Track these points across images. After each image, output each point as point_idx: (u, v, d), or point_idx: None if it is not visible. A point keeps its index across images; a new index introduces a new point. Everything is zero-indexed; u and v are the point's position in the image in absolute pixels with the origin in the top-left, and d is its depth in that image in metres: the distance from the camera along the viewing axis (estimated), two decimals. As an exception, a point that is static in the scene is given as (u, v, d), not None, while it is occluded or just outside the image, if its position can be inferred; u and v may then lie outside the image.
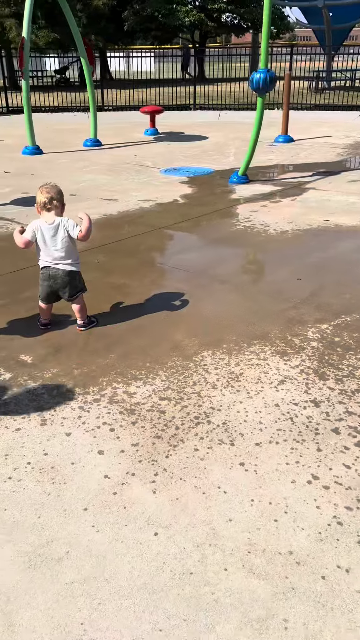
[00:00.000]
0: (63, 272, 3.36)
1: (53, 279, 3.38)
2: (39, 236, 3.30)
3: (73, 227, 3.28)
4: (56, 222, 3.28)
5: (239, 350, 3.29)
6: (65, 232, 3.28)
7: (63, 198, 3.37)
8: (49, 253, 3.34)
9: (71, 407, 2.75)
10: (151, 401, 2.80)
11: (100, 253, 4.99)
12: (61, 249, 3.32)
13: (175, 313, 3.78)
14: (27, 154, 9.98)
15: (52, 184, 3.33)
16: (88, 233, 3.31)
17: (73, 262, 3.38)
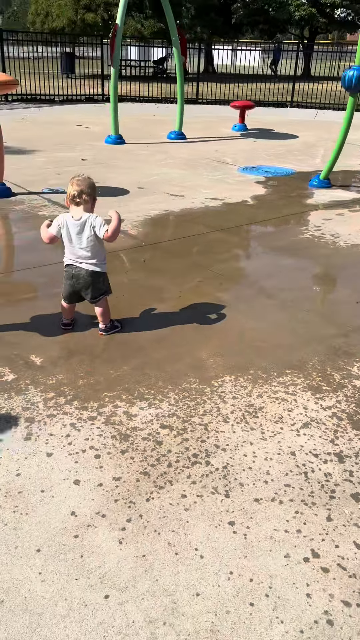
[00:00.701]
0: (86, 272, 3.11)
1: (76, 279, 3.15)
2: (64, 232, 3.07)
3: (100, 225, 3.02)
4: (83, 219, 3.03)
5: (267, 379, 2.90)
6: (92, 230, 3.03)
7: (95, 192, 3.12)
8: (73, 251, 3.11)
9: (62, 423, 2.50)
10: (150, 427, 2.49)
11: (149, 251, 4.72)
12: (86, 248, 3.07)
13: (208, 327, 3.43)
14: (109, 142, 9.91)
15: (84, 176, 3.08)
16: (115, 234, 3.04)
17: (98, 262, 3.13)
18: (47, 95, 15.78)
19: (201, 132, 11.53)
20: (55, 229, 3.08)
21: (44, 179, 6.96)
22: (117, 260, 4.46)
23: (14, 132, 10.48)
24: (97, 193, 3.15)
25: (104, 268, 3.18)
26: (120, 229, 3.06)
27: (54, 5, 23.28)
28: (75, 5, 22.87)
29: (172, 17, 9.84)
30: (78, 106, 15.48)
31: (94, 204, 3.13)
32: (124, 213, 5.71)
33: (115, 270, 4.21)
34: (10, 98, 15.23)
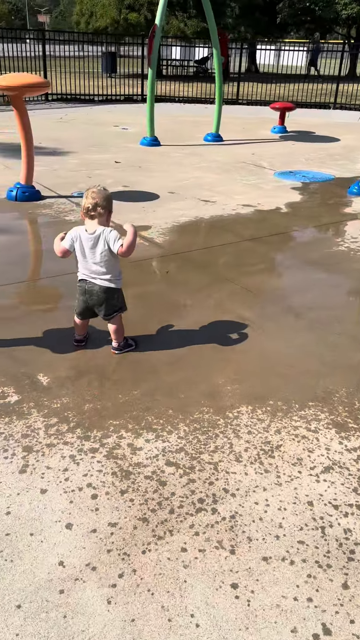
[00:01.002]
0: (100, 288, 2.94)
1: (89, 294, 2.98)
2: (77, 246, 2.90)
3: (115, 240, 2.84)
4: (97, 233, 2.85)
5: (287, 411, 2.66)
6: (106, 244, 2.85)
7: (111, 205, 2.93)
8: (86, 266, 2.94)
9: (61, 455, 2.33)
10: (155, 464, 2.30)
11: (173, 261, 4.53)
12: (100, 263, 2.89)
13: (228, 348, 3.21)
14: (144, 144, 9.77)
15: (100, 187, 2.90)
16: (130, 249, 2.85)
17: (112, 278, 2.95)
18: (87, 95, 15.78)
19: (239, 134, 11.27)
20: (68, 242, 2.91)
21: (75, 182, 6.85)
22: (138, 271, 4.28)
23: (49, 133, 10.46)
24: (112, 206, 2.97)
25: (119, 284, 3.00)
26: (135, 244, 2.87)
27: (98, 5, 23.34)
28: (119, 5, 22.87)
29: (212, 16, 9.61)
30: (117, 106, 15.42)
31: (110, 217, 2.95)
32: (151, 219, 5.55)
33: (135, 282, 4.04)
34: (50, 98, 15.29)
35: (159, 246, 4.83)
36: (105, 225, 2.90)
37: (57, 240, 2.97)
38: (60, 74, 15.89)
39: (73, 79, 15.97)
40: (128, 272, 4.21)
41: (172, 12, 23.56)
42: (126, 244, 2.82)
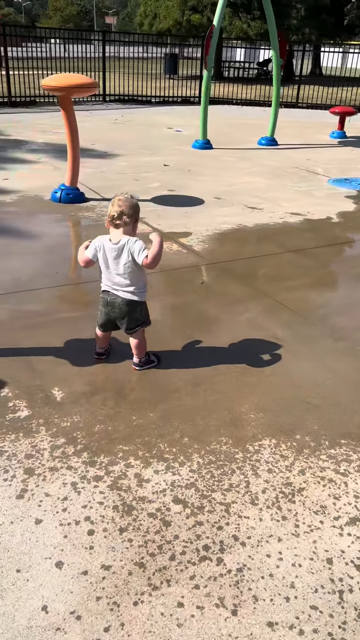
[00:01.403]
0: (122, 300, 2.78)
1: (111, 307, 2.82)
2: (101, 256, 2.74)
3: (139, 251, 2.66)
4: (121, 243, 2.69)
5: (315, 449, 2.41)
6: (130, 255, 2.68)
7: (137, 213, 2.75)
8: (109, 277, 2.78)
9: (63, 481, 2.17)
10: (162, 500, 2.11)
11: (210, 271, 4.33)
12: (123, 274, 2.73)
13: (257, 371, 2.98)
14: (195, 147, 9.60)
15: (127, 195, 2.73)
16: (155, 261, 2.66)
17: (136, 291, 2.78)
18: (144, 97, 15.77)
19: (295, 138, 10.93)
20: (91, 252, 2.76)
21: (120, 185, 6.75)
22: (171, 280, 4.11)
23: (103, 134, 10.47)
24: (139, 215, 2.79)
25: (143, 297, 2.83)
26: (161, 255, 2.69)
27: (162, 7, 23.38)
28: (183, 7, 22.81)
29: (273, 18, 9.32)
30: (174, 108, 15.33)
31: (136, 226, 2.78)
32: (192, 226, 5.36)
33: (166, 292, 3.87)
34: (108, 99, 15.37)
35: (197, 254, 4.64)
36: (131, 235, 2.74)
37: (81, 248, 2.83)
38: (120, 75, 15.97)
39: (133, 80, 16.00)
40: (160, 281, 4.05)
41: (236, 13, 23.29)
42: (151, 255, 2.64)
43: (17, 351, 3.07)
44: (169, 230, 5.22)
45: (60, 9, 70.79)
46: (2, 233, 4.93)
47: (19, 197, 6.06)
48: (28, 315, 3.48)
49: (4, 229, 5.03)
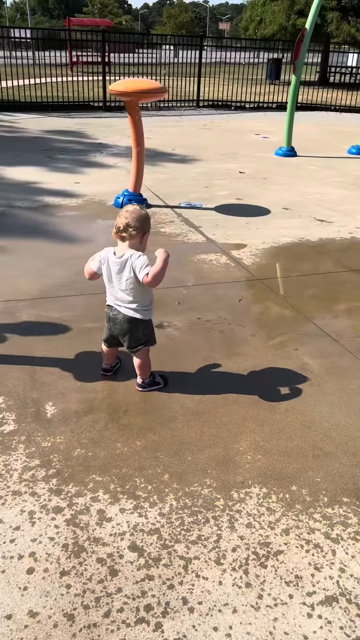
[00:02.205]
0: (124, 317, 2.61)
1: (112, 322, 2.67)
2: (104, 269, 2.59)
3: (141, 267, 2.48)
4: (125, 257, 2.52)
5: (309, 505, 2.10)
6: (132, 271, 2.50)
7: (145, 226, 2.56)
8: (112, 291, 2.63)
9: (22, 508, 2.04)
10: (117, 545, 1.91)
11: (254, 287, 4.04)
12: (125, 290, 2.56)
13: (269, 405, 2.69)
14: (278, 155, 9.25)
15: (134, 207, 2.56)
16: (156, 279, 2.46)
17: (139, 308, 2.60)
18: (238, 102, 15.55)
19: (390, 147, 10.19)
20: (96, 264, 2.62)
21: (187, 192, 6.61)
22: (208, 294, 3.88)
23: (187, 139, 10.40)
24: (149, 227, 2.61)
25: (147, 315, 2.64)
26: (164, 274, 2.48)
27: (268, 12, 23.02)
28: (289, 11, 22.31)
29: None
30: (267, 114, 14.98)
31: (144, 240, 2.60)
32: (249, 237, 5.09)
33: (196, 306, 3.65)
34: (201, 104, 15.33)
35: (245, 268, 4.37)
36: (138, 249, 2.56)
37: (90, 260, 2.70)
38: (218, 80, 15.88)
39: (231, 85, 15.84)
40: (193, 295, 3.84)
41: (344, 16, 22.37)
42: (152, 273, 2.45)
43: (27, 359, 3.01)
44: (223, 241, 4.99)
45: (174, 16, 72.27)
46: (55, 237, 4.96)
47: (84, 202, 6.10)
48: (51, 322, 3.42)
49: (57, 233, 5.06)
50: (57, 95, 14.03)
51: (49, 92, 13.98)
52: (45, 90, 14.33)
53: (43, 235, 4.99)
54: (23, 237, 4.91)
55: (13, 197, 6.12)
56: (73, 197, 6.24)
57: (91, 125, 11.77)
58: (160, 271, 2.45)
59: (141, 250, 2.57)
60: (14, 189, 6.50)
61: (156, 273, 2.45)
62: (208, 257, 4.59)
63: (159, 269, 2.45)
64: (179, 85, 14.95)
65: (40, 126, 11.31)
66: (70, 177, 7.12)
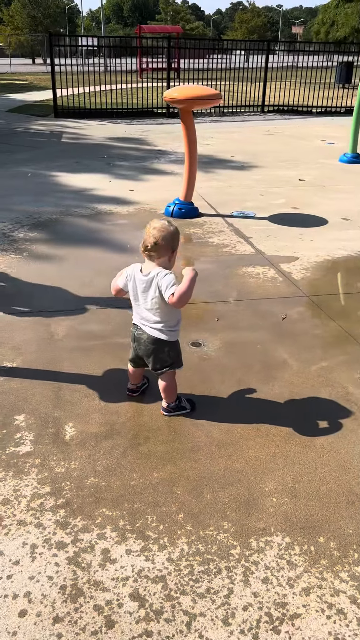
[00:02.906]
0: (148, 337, 2.47)
1: (137, 342, 2.53)
2: (131, 286, 2.45)
3: (167, 287, 2.32)
4: (151, 275, 2.37)
5: (337, 561, 1.86)
6: (157, 290, 2.36)
7: (175, 243, 2.40)
8: (137, 310, 2.49)
9: (24, 540, 1.93)
10: (118, 591, 1.75)
11: (300, 305, 3.79)
12: (151, 309, 2.41)
13: (304, 439, 2.46)
14: (342, 161, 8.86)
15: (162, 223, 2.40)
16: (182, 300, 2.30)
17: (165, 328, 2.44)
18: (305, 107, 15.13)
19: None
20: (122, 281, 2.49)
21: (242, 200, 6.41)
22: (247, 312, 3.67)
23: (247, 146, 10.18)
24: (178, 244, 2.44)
25: (173, 336, 2.48)
26: (191, 294, 2.32)
27: (341, 14, 22.36)
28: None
29: None
30: (334, 119, 14.48)
31: (173, 257, 2.44)
32: (302, 250, 4.84)
33: (234, 324, 3.45)
34: (266, 109, 15.03)
35: (293, 284, 4.13)
36: (166, 267, 2.40)
37: (117, 275, 2.57)
38: (285, 84, 15.54)
39: (298, 89, 15.45)
40: (232, 312, 3.64)
41: None
42: (177, 293, 2.29)
43: (55, 375, 2.92)
44: (273, 253, 4.76)
45: (247, 21, 71.94)
46: (103, 245, 4.90)
47: (135, 210, 6.03)
48: (84, 336, 3.33)
49: (106, 242, 5.01)
50: (123, 102, 14.18)
51: (116, 98, 14.15)
52: (112, 97, 14.51)
53: (91, 244, 4.94)
54: (71, 245, 4.89)
55: (69, 205, 6.14)
56: (125, 205, 6.19)
57: (153, 131, 11.77)
58: (186, 291, 2.29)
59: (169, 267, 2.42)
60: (72, 196, 6.53)
61: (182, 293, 2.29)
62: (255, 270, 4.38)
63: (185, 289, 2.29)
64: (245, 90, 14.74)
65: (104, 133, 11.43)
66: (126, 184, 7.09)
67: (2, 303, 3.72)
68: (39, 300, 3.78)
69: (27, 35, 43.60)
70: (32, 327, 3.41)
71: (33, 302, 3.75)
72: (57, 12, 47.24)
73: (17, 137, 10.60)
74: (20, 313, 3.59)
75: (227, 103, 14.81)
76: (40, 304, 3.72)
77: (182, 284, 2.31)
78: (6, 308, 3.65)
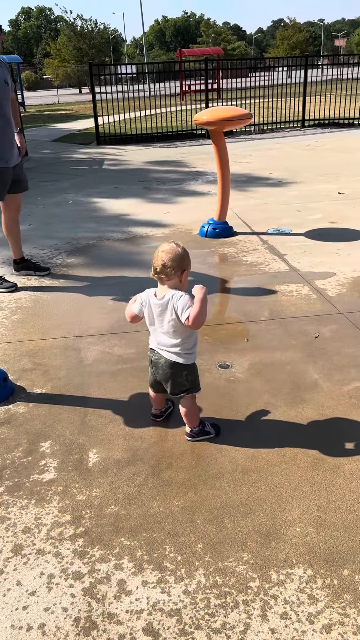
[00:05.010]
0: (166, 362, 2.45)
1: (155, 367, 2.52)
2: (146, 312, 2.45)
3: (183, 309, 2.30)
4: (166, 298, 2.36)
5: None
6: (174, 313, 2.35)
7: (183, 263, 2.36)
8: (154, 334, 2.49)
9: (42, 570, 1.93)
10: (132, 625, 1.72)
11: (335, 323, 3.69)
12: (167, 333, 2.40)
13: (333, 465, 2.36)
14: (385, 172, 8.65)
15: (170, 245, 2.39)
16: (196, 322, 2.27)
17: (182, 352, 2.42)
18: (346, 119, 14.90)
19: None
20: (137, 307, 2.49)
21: (278, 217, 6.35)
22: (278, 330, 3.59)
23: (286, 162, 10.11)
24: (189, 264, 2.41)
25: (190, 359, 2.45)
26: (204, 314, 2.29)
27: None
28: None
29: None
30: (378, 129, 14.20)
31: (184, 278, 2.38)
32: (338, 265, 4.73)
33: (264, 344, 3.39)
34: (307, 124, 14.91)
35: (328, 300, 4.03)
36: (179, 288, 2.39)
37: (131, 301, 2.58)
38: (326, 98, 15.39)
39: (340, 102, 15.26)
40: (262, 331, 3.56)
41: None
42: (191, 318, 2.26)
43: (82, 400, 2.95)
44: (308, 269, 4.67)
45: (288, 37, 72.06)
46: (136, 268, 4.95)
47: (170, 231, 6.08)
48: (113, 360, 3.35)
49: (139, 264, 5.05)
50: (164, 126, 14.41)
51: (157, 122, 14.41)
52: (153, 121, 14.79)
53: (125, 267, 5.00)
54: (106, 269, 4.97)
55: (106, 230, 6.26)
56: (161, 227, 6.25)
57: (191, 153, 11.89)
58: (198, 313, 2.27)
59: (182, 288, 2.40)
60: (110, 221, 6.66)
61: (195, 316, 2.26)
62: (288, 287, 4.30)
63: (197, 312, 2.27)
64: (285, 106, 14.70)
65: (143, 157, 11.63)
66: (163, 207, 7.16)
67: (36, 329, 3.80)
68: (71, 325, 3.85)
69: (73, 67, 45.22)
70: (63, 353, 3.46)
71: (66, 327, 3.82)
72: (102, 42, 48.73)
73: (61, 166, 10.94)
74: (53, 338, 3.66)
75: (266, 120, 14.80)
76: (72, 329, 3.78)
77: (193, 307, 2.28)
78: (40, 334, 3.73)
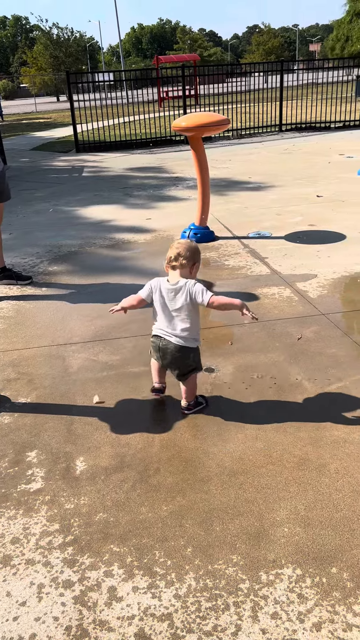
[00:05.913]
0: (174, 347, 2.62)
1: (162, 352, 2.67)
2: (156, 297, 2.62)
3: (202, 291, 2.52)
4: (179, 284, 2.57)
5: (350, 592, 1.79)
6: (188, 297, 2.54)
7: (196, 257, 2.64)
8: (164, 320, 2.63)
9: (32, 580, 1.92)
10: (123, 631, 1.72)
11: (316, 324, 3.73)
12: (178, 316, 2.59)
13: (319, 464, 2.39)
14: (363, 175, 8.78)
15: (186, 239, 2.67)
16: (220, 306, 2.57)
17: (189, 336, 2.62)
18: (323, 122, 15.11)
19: None
20: (145, 292, 2.66)
21: (258, 221, 6.41)
22: (260, 333, 3.62)
23: (264, 166, 10.21)
24: (199, 259, 2.69)
25: (197, 343, 2.69)
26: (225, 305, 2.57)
27: (355, 29, 22.41)
28: (376, 25, 21.60)
29: None
30: (354, 132, 14.39)
31: (194, 271, 2.66)
32: (319, 267, 4.79)
33: (246, 347, 3.42)
34: (284, 128, 15.08)
35: (310, 302, 4.07)
36: (189, 278, 2.60)
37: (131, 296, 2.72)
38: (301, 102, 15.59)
39: (316, 106, 15.46)
40: (244, 334, 3.59)
41: None
42: (220, 301, 2.53)
43: (67, 408, 2.94)
44: (289, 272, 4.72)
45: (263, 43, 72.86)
46: (119, 274, 4.95)
47: (153, 237, 6.10)
48: (98, 367, 3.35)
49: (121, 270, 5.06)
50: (143, 132, 14.47)
51: (136, 129, 14.45)
52: (132, 128, 14.83)
53: (108, 273, 5.01)
54: (89, 276, 4.97)
55: (88, 236, 6.26)
56: (142, 233, 6.27)
57: (171, 159, 11.95)
58: (226, 303, 2.54)
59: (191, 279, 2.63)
60: (91, 228, 6.66)
61: (223, 303, 2.53)
62: (270, 290, 4.35)
63: (226, 302, 2.54)
64: (263, 111, 14.85)
65: (122, 164, 11.66)
66: (144, 213, 7.19)
67: (19, 338, 3.79)
68: (55, 333, 3.84)
69: (50, 75, 45.14)
70: (48, 361, 3.46)
71: (49, 335, 3.81)
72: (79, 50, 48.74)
73: (40, 174, 10.91)
74: (37, 347, 3.64)
75: (244, 125, 14.94)
76: (56, 337, 3.77)
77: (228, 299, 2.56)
78: (24, 343, 3.71)
